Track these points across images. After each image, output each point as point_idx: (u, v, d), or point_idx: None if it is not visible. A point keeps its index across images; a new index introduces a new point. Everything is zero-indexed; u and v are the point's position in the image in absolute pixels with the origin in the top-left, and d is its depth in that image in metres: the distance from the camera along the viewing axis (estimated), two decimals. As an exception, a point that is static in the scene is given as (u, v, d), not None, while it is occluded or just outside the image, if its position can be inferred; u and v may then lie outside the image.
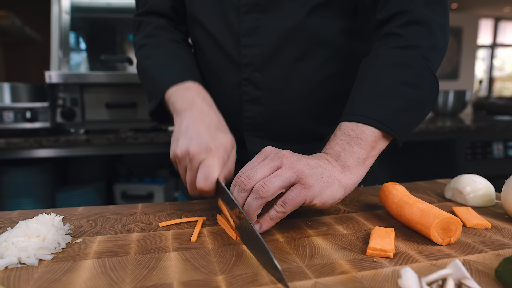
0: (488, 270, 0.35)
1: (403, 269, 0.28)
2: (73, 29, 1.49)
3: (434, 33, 0.54)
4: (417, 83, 0.52)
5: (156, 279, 0.34)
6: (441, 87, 3.20)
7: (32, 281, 0.33)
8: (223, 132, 0.54)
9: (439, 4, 0.55)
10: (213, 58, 0.66)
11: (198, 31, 0.67)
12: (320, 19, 0.60)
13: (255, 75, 0.63)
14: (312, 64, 0.62)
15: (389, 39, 0.55)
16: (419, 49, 0.53)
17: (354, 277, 0.34)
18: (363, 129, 0.49)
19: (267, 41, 0.60)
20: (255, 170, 0.44)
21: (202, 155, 0.50)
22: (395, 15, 0.55)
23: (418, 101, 0.52)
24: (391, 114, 0.49)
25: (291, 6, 0.59)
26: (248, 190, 0.43)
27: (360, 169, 0.48)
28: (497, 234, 0.44)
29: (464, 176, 0.57)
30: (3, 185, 1.47)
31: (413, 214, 0.44)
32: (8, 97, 1.39)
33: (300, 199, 0.42)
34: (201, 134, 0.51)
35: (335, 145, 0.49)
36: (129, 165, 1.98)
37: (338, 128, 0.51)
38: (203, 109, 0.56)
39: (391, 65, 0.53)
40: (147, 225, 0.48)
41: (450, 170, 1.92)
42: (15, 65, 2.14)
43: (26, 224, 0.39)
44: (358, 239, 0.43)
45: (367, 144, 0.48)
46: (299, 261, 0.37)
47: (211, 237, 0.44)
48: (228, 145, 0.53)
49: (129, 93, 1.47)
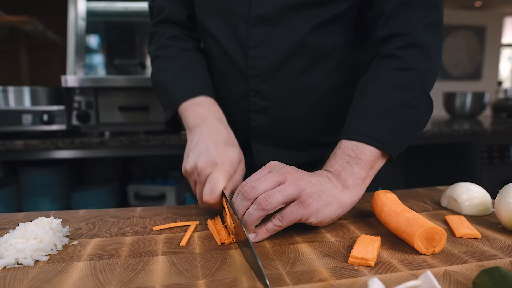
0: (467, 282, 0.35)
1: (370, 280, 0.29)
2: (88, 34, 1.54)
3: (430, 57, 0.56)
4: (414, 105, 0.54)
5: (141, 282, 0.35)
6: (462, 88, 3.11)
7: (26, 280, 0.36)
8: (230, 146, 0.57)
9: (436, 28, 0.57)
10: (222, 67, 0.68)
11: (208, 40, 0.69)
12: (324, 33, 0.62)
13: (263, 86, 0.64)
14: (316, 75, 0.64)
15: (388, 60, 0.57)
16: (416, 72, 0.55)
17: (331, 285, 0.35)
18: (362, 149, 0.51)
19: (274, 54, 0.62)
20: (260, 181, 0.46)
21: (208, 169, 0.52)
22: (394, 35, 0.57)
23: (414, 121, 0.55)
24: (390, 134, 0.52)
25: (297, 21, 0.61)
26: (251, 200, 0.45)
27: (359, 188, 0.50)
28: (486, 244, 0.44)
29: (460, 184, 0.57)
30: (21, 185, 1.54)
31: (400, 223, 0.44)
32: (28, 100, 1.46)
33: (297, 216, 0.45)
34: (209, 149, 0.54)
35: (336, 164, 0.51)
36: (143, 167, 2.03)
37: (338, 147, 0.53)
38: (213, 125, 0.59)
39: (390, 86, 0.55)
40: (141, 229, 0.50)
41: (465, 174, 1.87)
42: (39, 68, 2.23)
43: (24, 226, 0.41)
44: (344, 247, 0.44)
45: (366, 164, 0.50)
46: (280, 268, 0.38)
47: (200, 242, 0.46)
48: (235, 158, 0.55)
49: (142, 97, 1.51)
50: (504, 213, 0.47)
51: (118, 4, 1.66)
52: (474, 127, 1.82)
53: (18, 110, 1.40)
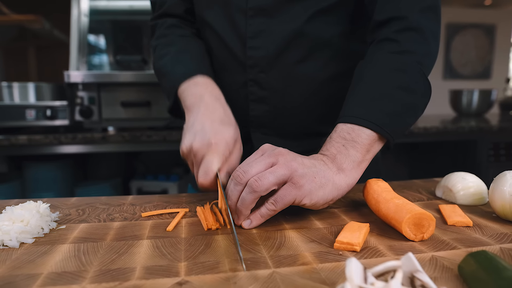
0: (453, 266, 0.35)
1: (348, 259, 0.28)
2: (91, 30, 1.55)
3: (427, 40, 0.55)
4: (412, 88, 0.53)
5: (122, 263, 0.35)
6: (470, 86, 3.06)
7: (9, 261, 0.36)
8: (226, 125, 0.56)
9: (433, 12, 0.56)
10: (221, 58, 0.69)
11: (207, 32, 0.70)
12: (321, 23, 0.62)
13: (261, 76, 0.64)
14: (314, 65, 0.64)
15: (385, 44, 0.56)
16: (414, 55, 0.54)
17: (313, 268, 0.34)
18: (358, 132, 0.50)
19: (271, 44, 0.62)
20: (251, 165, 0.45)
21: (203, 150, 0.52)
22: (391, 19, 0.56)
23: (412, 105, 0.54)
24: (387, 117, 0.51)
25: (294, 11, 0.61)
26: (243, 184, 0.45)
27: (355, 171, 0.49)
28: (477, 232, 0.43)
29: (455, 174, 0.56)
30: (25, 180, 1.55)
31: (389, 209, 0.43)
32: (32, 96, 1.47)
33: (290, 198, 0.44)
34: (204, 129, 0.53)
35: (331, 147, 0.50)
36: (146, 163, 2.04)
37: (335, 130, 0.52)
38: (209, 103, 0.58)
39: (388, 69, 0.54)
40: (130, 215, 0.50)
41: (470, 171, 1.84)
42: (46, 67, 2.25)
43: (11, 209, 0.42)
44: (332, 233, 0.43)
45: (363, 147, 0.49)
46: (264, 252, 0.38)
47: (187, 228, 0.45)
48: (230, 139, 0.54)
49: (144, 92, 1.52)
50: (498, 201, 0.46)
51: (121, 2, 1.67)
52: (479, 125, 1.79)
53: (21, 105, 1.42)
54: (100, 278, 0.32)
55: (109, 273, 0.33)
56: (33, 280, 0.32)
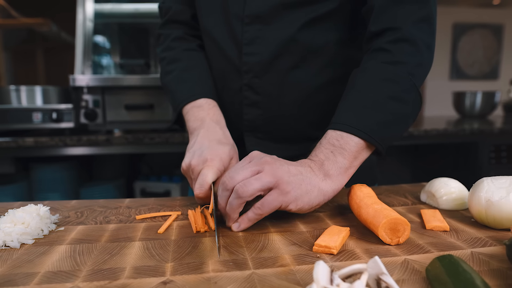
0: (422, 269, 0.37)
1: (317, 262, 0.31)
2: (96, 34, 1.59)
3: (420, 51, 0.57)
4: (403, 98, 0.55)
5: (113, 263, 0.38)
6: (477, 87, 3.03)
7: (9, 260, 0.39)
8: (223, 144, 0.60)
9: (427, 23, 0.58)
10: (218, 64, 0.71)
11: (205, 38, 0.73)
12: (315, 30, 0.64)
13: (255, 81, 0.67)
14: (306, 72, 0.66)
15: (379, 53, 0.58)
16: (406, 66, 0.56)
17: (290, 270, 0.37)
18: (347, 139, 0.52)
19: (265, 50, 0.65)
20: (237, 171, 0.48)
21: (200, 166, 0.55)
22: (385, 30, 0.58)
23: (402, 115, 0.56)
24: (376, 126, 0.53)
25: (289, 18, 0.63)
26: (230, 190, 0.47)
27: (341, 177, 0.51)
28: (453, 236, 0.45)
29: (439, 179, 0.58)
30: (32, 181, 1.60)
31: (368, 214, 0.46)
32: (39, 99, 1.52)
33: (276, 203, 0.46)
34: (202, 148, 0.58)
35: (320, 153, 0.52)
36: (150, 165, 2.07)
37: (324, 137, 0.54)
38: (209, 127, 0.63)
39: (379, 79, 0.56)
40: (126, 218, 0.53)
41: (472, 174, 1.85)
42: (54, 68, 2.30)
43: (13, 212, 0.45)
44: (313, 237, 0.46)
45: (350, 154, 0.51)
46: (247, 254, 0.41)
47: (178, 230, 0.48)
48: (225, 155, 0.58)
49: (147, 96, 1.55)
50: (475, 207, 0.48)
51: (125, 6, 1.71)
52: (481, 127, 1.79)
53: (28, 108, 1.46)
54: (92, 277, 0.35)
55: (100, 272, 0.36)
56: (31, 278, 0.35)
